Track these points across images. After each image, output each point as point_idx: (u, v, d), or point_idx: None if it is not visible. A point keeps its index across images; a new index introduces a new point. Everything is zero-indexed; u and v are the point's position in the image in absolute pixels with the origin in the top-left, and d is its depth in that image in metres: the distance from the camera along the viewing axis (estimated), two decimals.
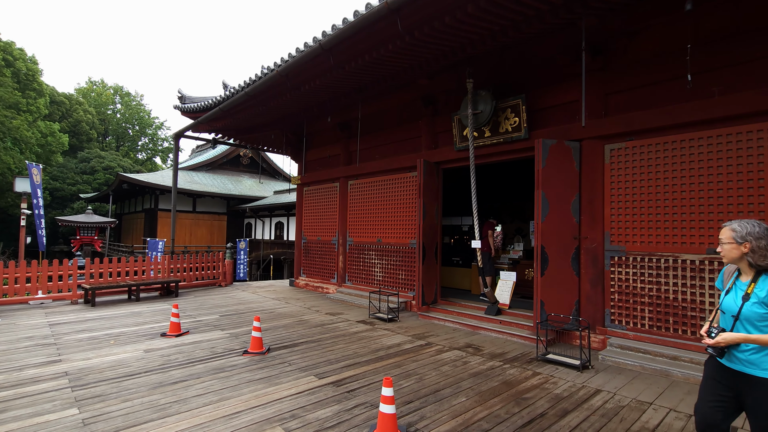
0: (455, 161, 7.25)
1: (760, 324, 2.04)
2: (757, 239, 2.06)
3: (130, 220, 29.95)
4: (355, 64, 5.92)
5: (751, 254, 2.07)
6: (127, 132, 47.66)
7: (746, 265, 2.13)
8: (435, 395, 3.80)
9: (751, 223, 2.12)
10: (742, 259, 2.12)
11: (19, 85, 26.51)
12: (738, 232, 2.11)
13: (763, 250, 2.05)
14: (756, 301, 2.04)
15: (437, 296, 7.43)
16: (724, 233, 2.17)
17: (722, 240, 2.17)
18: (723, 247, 2.16)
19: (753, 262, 2.07)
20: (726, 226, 2.19)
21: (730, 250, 2.14)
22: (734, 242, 2.12)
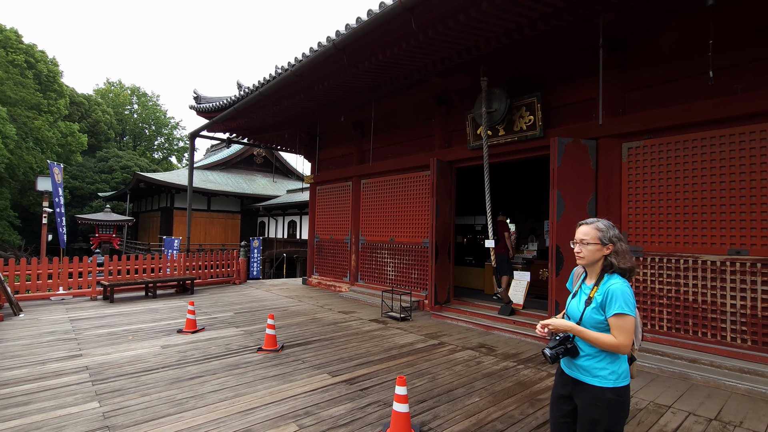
0: (469, 160, 7.21)
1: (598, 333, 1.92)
2: (620, 240, 1.95)
3: (146, 218, 30.52)
4: (369, 63, 5.93)
5: (615, 256, 1.92)
6: (144, 132, 48.55)
7: (598, 268, 1.97)
8: (448, 395, 3.79)
9: (609, 224, 1.99)
10: (600, 260, 1.96)
11: (40, 87, 27.23)
12: (604, 233, 1.94)
13: (625, 252, 1.94)
14: (595, 306, 1.90)
15: (450, 296, 7.40)
16: (588, 233, 1.95)
17: (586, 240, 1.95)
18: (586, 248, 1.95)
19: (616, 263, 1.92)
20: (587, 225, 1.98)
21: (593, 252, 1.94)
22: (599, 243, 1.93)
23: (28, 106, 25.14)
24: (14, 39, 26.60)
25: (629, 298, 1.83)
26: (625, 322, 1.81)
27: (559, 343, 1.96)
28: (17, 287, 7.84)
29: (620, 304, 1.81)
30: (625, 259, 1.92)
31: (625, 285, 1.86)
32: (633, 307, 1.83)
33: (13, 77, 24.54)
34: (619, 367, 1.88)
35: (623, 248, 1.93)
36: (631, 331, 1.81)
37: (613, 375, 1.87)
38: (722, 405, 3.64)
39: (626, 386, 1.90)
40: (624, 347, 1.81)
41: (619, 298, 1.82)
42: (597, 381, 1.88)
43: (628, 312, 1.81)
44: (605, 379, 1.87)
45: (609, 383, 1.86)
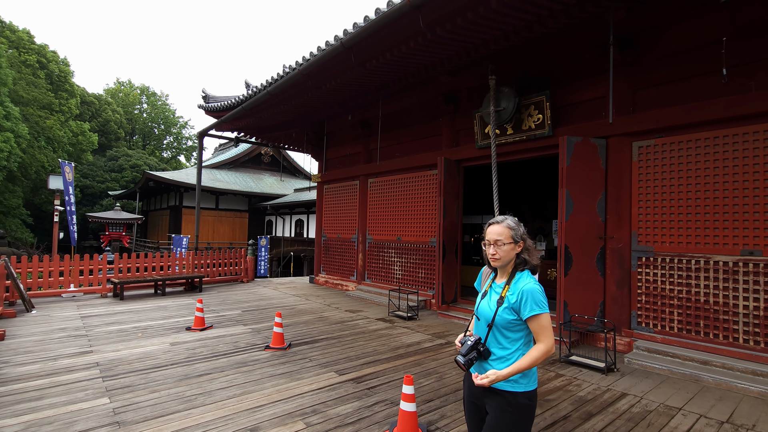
0: (476, 159, 7.17)
1: (509, 333, 1.84)
2: (527, 237, 1.90)
3: (155, 216, 30.82)
4: (377, 62, 5.92)
5: (527, 253, 1.87)
6: (153, 131, 49.01)
7: (510, 266, 1.89)
8: (455, 394, 3.77)
9: (515, 220, 1.91)
10: (512, 259, 1.87)
11: (52, 86, 27.60)
12: (515, 231, 1.86)
13: (533, 248, 1.90)
14: (507, 306, 1.82)
15: (457, 295, 7.38)
16: (502, 233, 1.85)
17: (501, 240, 1.84)
18: (501, 248, 1.84)
19: (529, 260, 1.86)
20: (498, 224, 1.88)
21: (508, 252, 1.85)
22: (513, 242, 1.85)
23: (40, 106, 25.51)
24: (26, 39, 26.99)
25: (541, 296, 1.79)
26: (544, 321, 1.78)
27: (470, 348, 1.86)
28: (30, 284, 7.97)
29: (535, 304, 1.76)
30: (534, 255, 1.89)
31: (536, 283, 1.82)
32: (547, 304, 1.80)
33: (26, 77, 24.92)
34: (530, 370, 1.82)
35: (532, 245, 1.91)
36: (551, 328, 1.78)
37: (525, 378, 1.81)
38: (734, 408, 3.58)
39: (536, 389, 1.85)
40: (552, 347, 1.77)
41: (533, 299, 1.77)
42: (509, 386, 1.80)
43: (546, 310, 1.78)
44: (517, 383, 1.80)
45: (521, 387, 1.80)
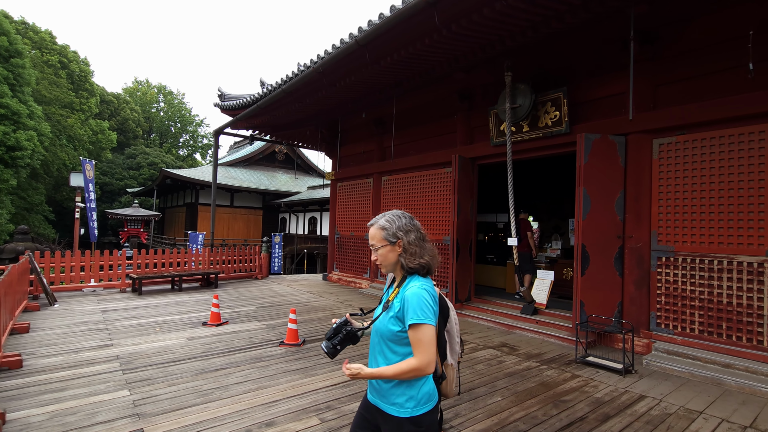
0: (491, 157, 7.11)
1: (396, 347, 1.57)
2: (407, 233, 1.63)
3: (172, 213, 31.36)
4: (391, 59, 5.91)
5: (404, 254, 1.61)
6: (170, 129, 49.81)
7: (399, 269, 1.66)
8: (469, 393, 3.75)
9: (396, 215, 1.68)
10: (398, 261, 1.64)
11: (73, 86, 28.26)
12: (389, 230, 1.63)
13: (414, 246, 1.62)
14: (392, 314, 1.56)
15: (471, 294, 7.34)
16: (374, 235, 1.65)
17: (374, 244, 1.65)
18: (378, 252, 1.64)
19: (404, 263, 1.61)
20: (373, 225, 1.68)
21: (386, 255, 1.63)
22: (388, 243, 1.62)
23: (61, 105, 26.15)
24: (49, 40, 27.68)
25: (425, 303, 1.49)
26: (422, 334, 1.47)
27: (334, 332, 1.61)
28: (52, 279, 8.20)
29: (414, 312, 1.48)
30: (413, 255, 1.60)
31: (421, 288, 1.52)
32: (432, 314, 1.49)
33: (48, 77, 25.56)
34: (418, 390, 1.54)
35: (412, 241, 1.62)
36: (431, 344, 1.47)
37: (411, 402, 1.53)
38: (758, 412, 3.49)
39: (428, 412, 1.56)
40: (427, 366, 1.46)
41: (413, 306, 1.49)
42: (394, 410, 1.55)
43: (424, 321, 1.47)
44: (402, 407, 1.54)
45: (406, 412, 1.53)
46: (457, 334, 1.81)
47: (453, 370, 1.76)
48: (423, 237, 1.67)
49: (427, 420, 1.55)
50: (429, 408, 1.56)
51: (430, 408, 1.56)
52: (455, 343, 1.77)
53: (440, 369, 1.70)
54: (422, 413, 1.54)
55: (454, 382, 1.77)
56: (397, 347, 1.56)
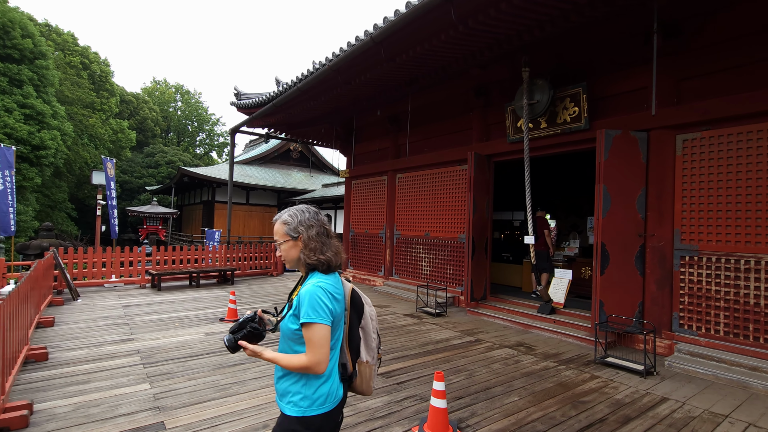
0: (508, 154, 7.02)
1: (297, 346, 1.52)
2: (308, 228, 1.59)
3: (189, 211, 31.88)
4: (407, 56, 5.87)
5: (304, 249, 1.57)
6: (187, 128, 50.60)
7: (303, 266, 1.61)
8: (486, 392, 3.72)
9: (300, 209, 1.64)
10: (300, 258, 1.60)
11: (94, 86, 28.94)
12: (290, 225, 1.59)
13: (314, 242, 1.57)
14: (293, 312, 1.53)
15: (487, 292, 7.27)
16: (277, 231, 1.62)
17: (277, 240, 1.61)
18: (282, 248, 1.60)
19: (303, 258, 1.57)
20: (277, 220, 1.64)
21: (289, 250, 1.59)
22: (290, 238, 1.58)
23: (83, 105, 26.82)
24: (71, 42, 28.39)
25: (317, 302, 1.45)
26: (312, 334, 1.44)
27: (239, 326, 1.54)
28: (75, 274, 8.42)
29: (306, 310, 1.45)
30: (313, 251, 1.56)
31: (316, 286, 1.48)
32: (326, 313, 1.46)
33: (71, 78, 26.23)
34: (314, 390, 1.50)
35: (313, 236, 1.58)
36: (321, 344, 1.44)
37: (305, 401, 1.49)
38: None
39: (322, 414, 1.50)
40: (316, 365, 1.44)
41: (305, 304, 1.46)
42: (288, 408, 1.51)
43: (316, 320, 1.44)
44: (296, 405, 1.50)
45: (298, 411, 1.49)
46: (374, 330, 1.75)
47: (369, 368, 1.71)
48: (326, 233, 1.63)
49: (319, 422, 1.51)
50: (324, 410, 1.51)
51: (325, 410, 1.52)
52: (371, 340, 1.72)
53: (350, 367, 1.66)
54: (314, 414, 1.50)
55: (372, 380, 1.73)
56: (296, 346, 1.52)
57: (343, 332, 1.65)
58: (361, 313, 1.71)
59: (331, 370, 1.54)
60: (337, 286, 1.57)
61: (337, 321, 1.54)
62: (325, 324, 1.46)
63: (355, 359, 1.68)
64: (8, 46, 18.23)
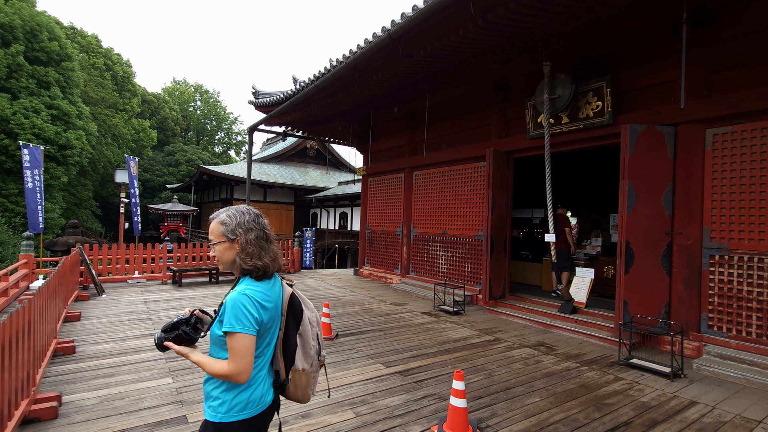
0: (528, 150, 6.89)
1: (222, 353, 1.47)
2: (247, 231, 1.53)
3: (208, 208, 32.45)
4: (424, 52, 5.81)
5: (241, 253, 1.51)
6: (206, 127, 51.48)
7: (238, 269, 1.55)
8: (506, 392, 3.66)
9: (240, 210, 1.57)
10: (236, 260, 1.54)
11: (117, 87, 29.67)
12: (228, 226, 1.53)
13: (252, 246, 1.51)
14: (218, 318, 1.48)
15: (505, 291, 7.17)
16: (213, 230, 1.55)
17: (212, 240, 1.55)
18: (216, 248, 1.54)
19: (239, 262, 1.51)
20: (213, 219, 1.57)
21: (224, 252, 1.52)
22: (226, 240, 1.52)
23: (106, 105, 27.53)
24: (95, 44, 29.15)
25: (241, 310, 1.40)
26: (233, 343, 1.39)
27: (172, 327, 1.47)
28: (100, 270, 8.65)
29: (228, 319, 1.40)
30: (250, 256, 1.50)
31: (241, 294, 1.43)
32: (249, 322, 1.40)
33: (95, 79, 26.95)
34: (234, 396, 1.46)
35: (251, 240, 1.52)
36: (243, 354, 1.39)
37: (224, 406, 1.45)
38: None
39: (239, 422, 1.45)
40: (237, 375, 1.39)
41: (228, 312, 1.41)
42: (207, 412, 1.48)
43: (239, 330, 1.39)
44: (214, 411, 1.46)
45: (215, 417, 1.45)
46: (314, 337, 1.69)
47: (306, 376, 1.65)
48: (266, 237, 1.57)
49: (237, 429, 1.46)
50: (242, 417, 1.46)
51: (243, 417, 1.46)
52: (309, 347, 1.66)
53: (284, 374, 1.61)
54: (231, 421, 1.45)
55: (309, 387, 1.68)
56: (221, 352, 1.47)
57: (278, 338, 1.59)
58: (299, 319, 1.65)
59: (254, 376, 1.49)
60: (267, 293, 1.51)
61: (265, 329, 1.49)
62: (248, 333, 1.41)
63: (289, 366, 1.62)
64: (36, 49, 18.83)
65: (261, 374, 1.52)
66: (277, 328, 1.57)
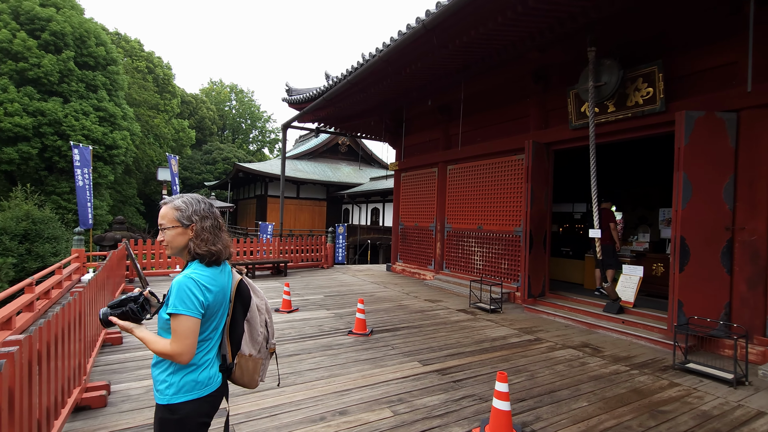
0: (569, 141, 6.56)
1: (165, 333, 1.52)
2: (202, 219, 1.58)
3: (244, 205, 33.35)
4: (460, 42, 5.64)
5: (194, 239, 1.56)
6: (241, 126, 52.89)
7: (186, 254, 1.58)
8: (550, 396, 3.49)
9: (196, 198, 1.63)
10: (187, 246, 1.58)
11: (158, 89, 30.92)
12: (183, 212, 1.57)
13: (207, 233, 1.57)
14: (166, 302, 1.51)
15: (545, 289, 6.89)
16: (165, 215, 1.57)
17: (163, 224, 1.57)
18: (167, 233, 1.56)
19: (192, 248, 1.55)
20: (166, 204, 1.60)
21: (175, 237, 1.56)
22: (180, 225, 1.56)
23: (149, 106, 28.75)
24: (138, 48, 30.47)
25: (186, 293, 1.45)
26: (176, 325, 1.44)
27: (119, 303, 1.51)
28: (144, 264, 9.02)
29: (173, 301, 1.45)
30: (204, 242, 1.55)
31: (187, 277, 1.48)
32: (193, 305, 1.44)
33: (137, 81, 28.18)
34: (181, 377, 1.50)
35: (207, 227, 1.58)
36: (186, 335, 1.43)
37: (171, 388, 1.50)
38: None
39: (188, 401, 1.50)
40: (179, 356, 1.43)
41: (173, 294, 1.46)
42: (156, 396, 1.53)
43: (182, 312, 1.43)
44: (162, 393, 1.51)
45: (164, 399, 1.50)
46: (263, 324, 1.74)
47: (252, 361, 1.70)
48: (219, 226, 1.64)
49: (186, 409, 1.50)
50: (190, 398, 1.51)
51: (192, 398, 1.51)
52: (257, 334, 1.71)
53: (230, 359, 1.66)
54: (180, 401, 1.50)
55: (257, 373, 1.73)
56: (167, 335, 1.50)
57: (225, 324, 1.65)
58: (247, 306, 1.70)
59: (201, 359, 1.54)
60: (214, 278, 1.55)
61: (212, 313, 1.54)
62: (192, 316, 1.45)
63: (235, 351, 1.68)
64: (85, 54, 19.85)
65: (208, 357, 1.57)
66: (224, 313, 1.63)
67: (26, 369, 2.03)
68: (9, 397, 1.80)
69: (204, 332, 1.54)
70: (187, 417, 1.51)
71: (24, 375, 2.00)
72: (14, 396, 1.84)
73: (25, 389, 1.99)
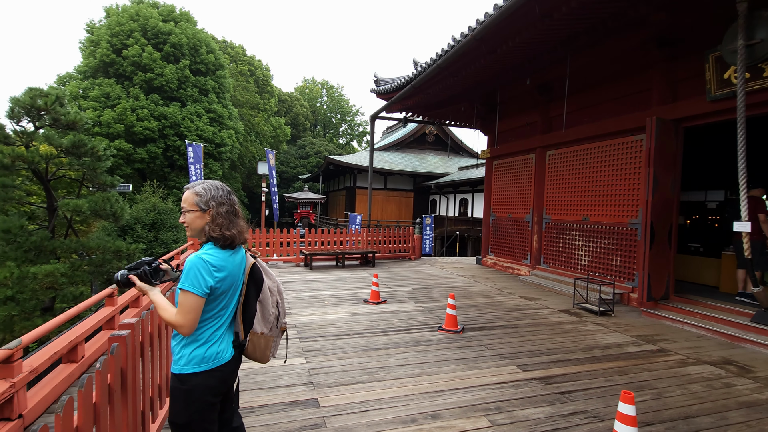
0: (707, 116, 5.45)
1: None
2: (219, 205, 1.69)
3: (334, 196, 34.83)
4: (567, 8, 4.96)
5: (210, 223, 1.66)
6: (331, 120, 55.23)
7: (203, 236, 1.69)
8: (687, 422, 2.88)
9: (215, 185, 1.73)
10: (203, 229, 1.68)
11: (258, 89, 33.52)
12: (202, 197, 1.68)
13: (222, 218, 1.67)
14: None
15: (669, 290, 5.90)
16: (186, 199, 1.69)
17: (185, 207, 1.69)
18: (187, 216, 1.68)
19: (207, 230, 1.66)
20: (188, 189, 1.72)
21: (194, 220, 1.68)
22: (199, 209, 1.67)
23: (250, 106, 31.34)
24: (241, 53, 33.29)
25: (196, 273, 1.56)
26: (183, 299, 1.57)
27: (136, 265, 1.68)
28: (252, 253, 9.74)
29: (184, 278, 1.57)
30: (219, 226, 1.66)
31: (198, 257, 1.59)
32: (200, 284, 1.56)
33: (241, 83, 30.84)
34: (191, 351, 1.63)
35: (222, 213, 1.68)
36: (188, 311, 1.55)
37: (182, 360, 1.63)
38: None
39: (197, 373, 1.61)
40: (180, 327, 1.56)
41: (185, 271, 1.58)
42: (172, 366, 1.66)
43: (189, 289, 1.55)
44: (175, 364, 1.65)
45: (177, 368, 1.63)
46: (274, 305, 1.86)
47: (264, 339, 1.84)
48: (235, 212, 1.74)
49: (194, 380, 1.61)
50: (199, 369, 1.62)
51: (200, 370, 1.62)
52: (268, 314, 1.83)
53: (242, 336, 1.78)
54: (189, 372, 1.61)
55: (268, 350, 1.87)
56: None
57: (238, 303, 1.76)
58: (260, 287, 1.82)
59: (210, 335, 1.65)
60: (225, 260, 1.65)
61: (220, 293, 1.64)
62: (196, 294, 1.56)
63: (247, 329, 1.81)
64: (198, 61, 22.17)
65: (218, 333, 1.68)
66: (237, 293, 1.75)
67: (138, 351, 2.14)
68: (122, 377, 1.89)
69: (212, 310, 1.65)
70: (194, 389, 1.62)
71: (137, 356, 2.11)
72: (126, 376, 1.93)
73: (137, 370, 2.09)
